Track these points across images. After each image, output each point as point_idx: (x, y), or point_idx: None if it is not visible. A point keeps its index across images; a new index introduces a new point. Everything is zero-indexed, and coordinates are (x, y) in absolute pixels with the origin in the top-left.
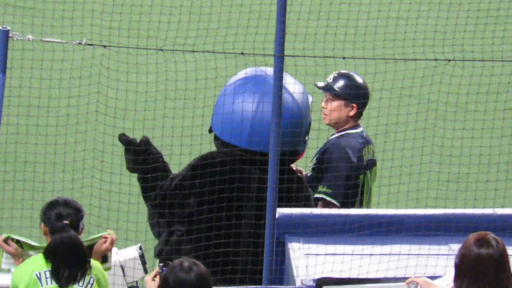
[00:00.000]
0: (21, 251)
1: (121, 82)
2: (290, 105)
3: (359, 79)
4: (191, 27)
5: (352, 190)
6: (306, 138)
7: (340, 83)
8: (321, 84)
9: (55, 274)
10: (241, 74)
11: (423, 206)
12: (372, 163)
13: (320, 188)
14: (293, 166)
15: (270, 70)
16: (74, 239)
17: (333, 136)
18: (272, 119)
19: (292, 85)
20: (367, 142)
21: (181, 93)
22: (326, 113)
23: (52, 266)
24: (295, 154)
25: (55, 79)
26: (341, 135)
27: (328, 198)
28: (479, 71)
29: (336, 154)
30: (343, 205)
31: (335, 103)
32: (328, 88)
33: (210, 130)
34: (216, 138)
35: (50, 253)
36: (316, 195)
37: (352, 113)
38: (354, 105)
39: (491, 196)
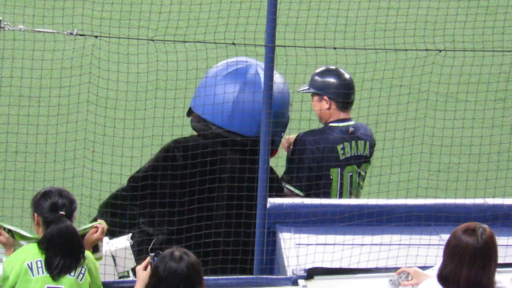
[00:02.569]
0: (12, 240)
1: (112, 72)
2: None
3: (334, 73)
4: (182, 17)
5: (319, 182)
6: (283, 132)
7: (313, 80)
8: (300, 88)
9: (49, 264)
10: (223, 64)
11: (413, 196)
12: (359, 159)
13: (284, 175)
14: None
15: (251, 61)
16: (71, 230)
17: None
18: (263, 108)
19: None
20: (352, 137)
21: (172, 83)
22: None
23: (47, 256)
24: (272, 145)
25: (46, 69)
26: (321, 127)
27: (285, 185)
28: (469, 61)
29: (299, 144)
30: (310, 194)
31: (313, 100)
32: (304, 89)
33: (189, 113)
34: (198, 120)
35: (46, 243)
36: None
37: (326, 106)
38: (325, 98)
39: (482, 186)
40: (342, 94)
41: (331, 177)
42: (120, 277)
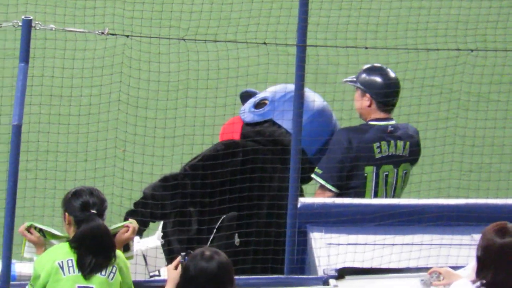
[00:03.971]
0: (43, 240)
1: (143, 72)
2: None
3: (381, 73)
4: (213, 17)
5: (352, 180)
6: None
7: (360, 74)
8: (347, 78)
9: (80, 263)
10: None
11: (445, 196)
12: (397, 158)
13: (316, 169)
14: None
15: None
16: (103, 229)
17: None
18: (294, 107)
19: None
20: (391, 136)
21: (203, 83)
22: None
23: (78, 255)
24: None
25: (77, 69)
26: (360, 125)
27: (317, 178)
28: (501, 61)
29: (334, 139)
30: (341, 192)
31: (356, 93)
32: (351, 80)
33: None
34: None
35: (78, 242)
36: (312, 175)
37: (367, 103)
38: (367, 95)
39: None
40: (384, 94)
41: (366, 175)
42: (151, 276)
